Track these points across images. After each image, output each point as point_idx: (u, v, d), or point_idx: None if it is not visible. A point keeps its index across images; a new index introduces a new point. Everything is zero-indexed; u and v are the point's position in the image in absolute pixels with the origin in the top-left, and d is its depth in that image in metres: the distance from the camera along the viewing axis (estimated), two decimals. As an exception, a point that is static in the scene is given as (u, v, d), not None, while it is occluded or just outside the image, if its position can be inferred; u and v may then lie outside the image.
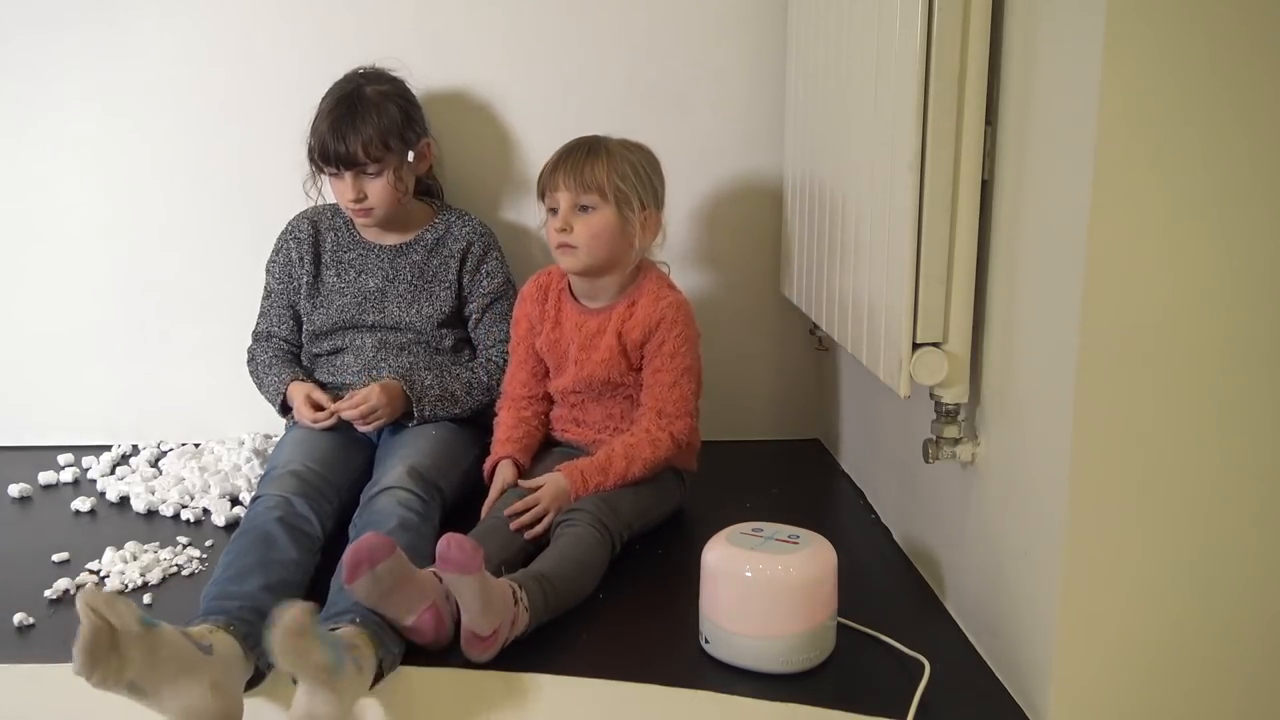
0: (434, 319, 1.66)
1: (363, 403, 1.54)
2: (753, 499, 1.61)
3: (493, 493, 1.47)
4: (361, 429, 1.56)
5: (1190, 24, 0.88)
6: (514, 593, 1.16)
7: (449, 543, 1.10)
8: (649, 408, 1.48)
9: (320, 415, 1.55)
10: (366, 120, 1.56)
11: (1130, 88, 0.89)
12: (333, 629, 1.10)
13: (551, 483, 1.41)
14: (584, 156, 1.46)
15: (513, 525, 1.36)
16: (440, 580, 1.18)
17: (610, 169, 1.45)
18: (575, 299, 1.55)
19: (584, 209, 1.45)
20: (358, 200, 1.59)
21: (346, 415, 1.54)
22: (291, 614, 0.98)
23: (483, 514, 1.43)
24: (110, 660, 0.96)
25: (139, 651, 0.98)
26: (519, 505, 1.38)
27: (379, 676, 1.10)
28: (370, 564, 1.10)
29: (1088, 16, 0.90)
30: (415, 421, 1.59)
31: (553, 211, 1.48)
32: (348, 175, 1.58)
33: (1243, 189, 0.91)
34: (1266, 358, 0.94)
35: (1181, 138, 0.90)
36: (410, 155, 1.62)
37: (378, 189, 1.59)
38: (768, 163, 1.84)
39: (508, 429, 1.55)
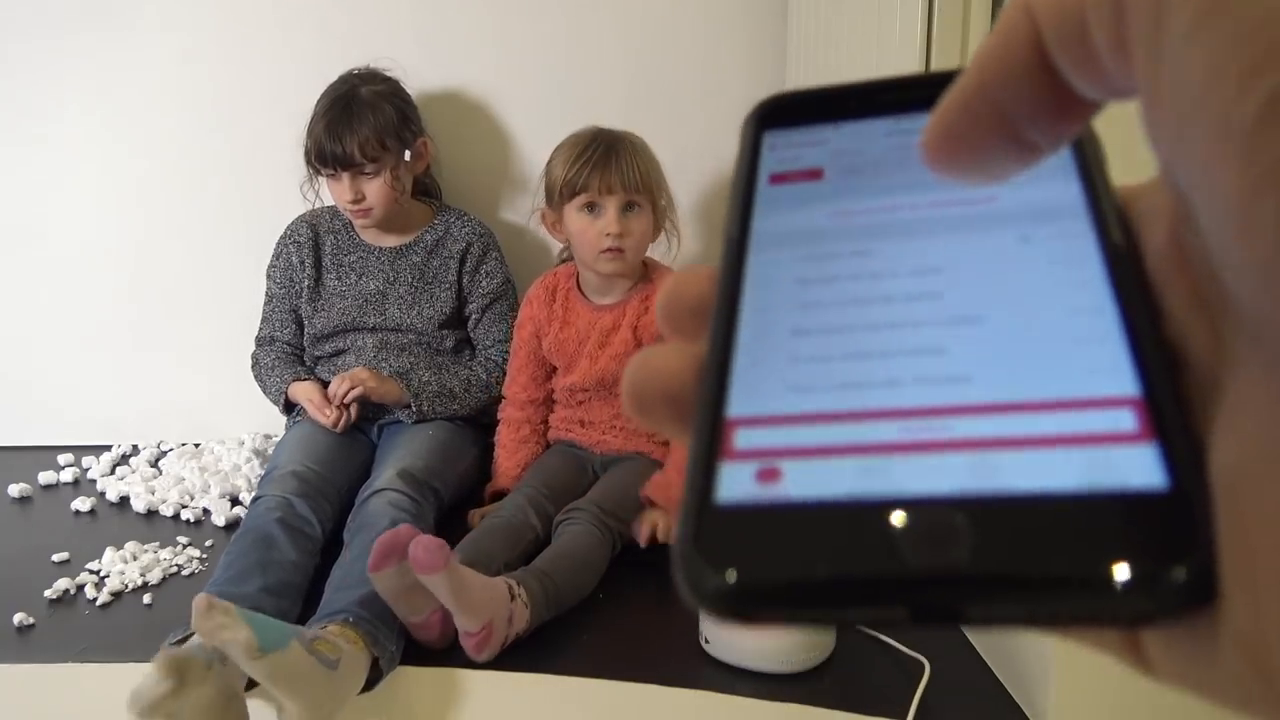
0: (435, 320, 1.66)
1: (344, 381, 1.54)
2: (753, 498, 1.60)
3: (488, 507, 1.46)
4: (348, 396, 1.54)
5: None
6: (510, 589, 1.16)
7: (416, 545, 1.09)
8: None
9: (333, 416, 1.55)
10: (362, 120, 1.56)
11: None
12: (322, 628, 1.10)
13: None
14: (622, 153, 1.43)
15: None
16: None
17: (646, 165, 1.43)
18: (584, 296, 1.54)
19: (630, 207, 1.43)
20: (356, 201, 1.59)
21: (333, 390, 1.55)
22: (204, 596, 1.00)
23: (480, 517, 1.43)
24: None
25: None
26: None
27: (377, 676, 1.10)
28: (402, 556, 1.09)
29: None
30: (414, 419, 1.59)
31: (588, 208, 1.44)
32: (345, 176, 1.57)
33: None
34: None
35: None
36: (407, 154, 1.62)
37: (375, 189, 1.59)
38: (767, 162, 1.83)
39: (509, 452, 1.54)
